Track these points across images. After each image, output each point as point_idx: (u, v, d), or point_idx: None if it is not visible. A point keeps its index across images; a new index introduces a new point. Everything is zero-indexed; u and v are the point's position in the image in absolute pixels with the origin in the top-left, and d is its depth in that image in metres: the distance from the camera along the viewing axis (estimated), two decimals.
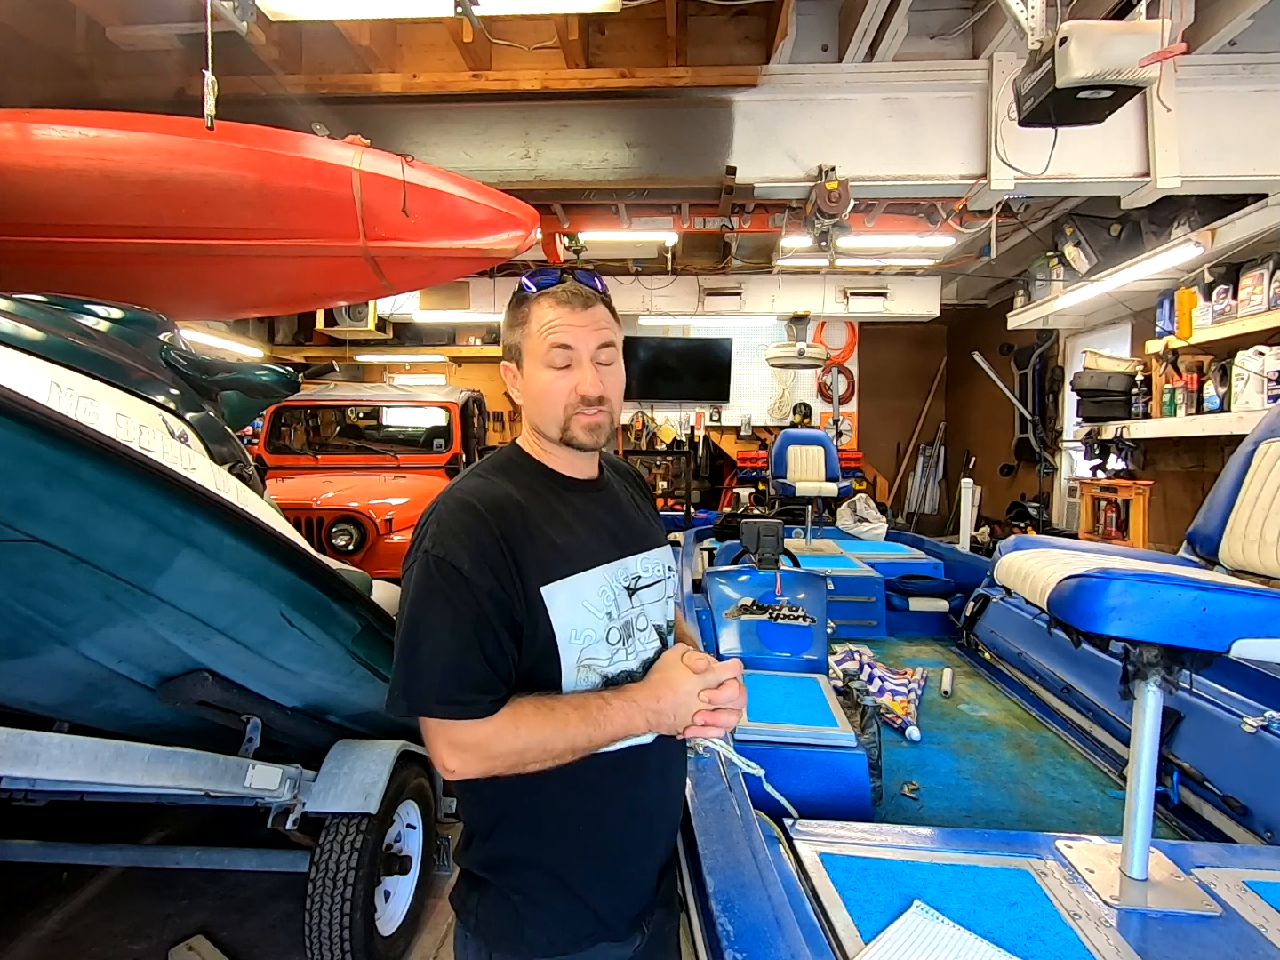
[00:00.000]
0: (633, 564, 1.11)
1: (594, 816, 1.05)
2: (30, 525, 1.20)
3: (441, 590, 0.94)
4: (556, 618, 0.99)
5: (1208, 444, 5.12)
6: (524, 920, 1.03)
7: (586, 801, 1.04)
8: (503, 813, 1.05)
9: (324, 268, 3.18)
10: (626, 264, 7.99)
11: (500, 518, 0.98)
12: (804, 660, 2.87)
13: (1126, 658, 1.28)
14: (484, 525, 0.97)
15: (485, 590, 0.94)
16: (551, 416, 1.06)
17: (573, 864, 1.04)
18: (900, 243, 6.36)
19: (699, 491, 9.33)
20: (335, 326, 7.74)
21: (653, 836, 1.13)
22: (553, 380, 1.05)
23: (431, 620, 0.94)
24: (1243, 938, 1.19)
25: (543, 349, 1.04)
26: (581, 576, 1.02)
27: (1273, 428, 1.70)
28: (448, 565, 0.94)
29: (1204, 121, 4.02)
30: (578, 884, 1.04)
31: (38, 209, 2.89)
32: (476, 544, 0.95)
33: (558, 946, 1.04)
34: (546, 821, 1.04)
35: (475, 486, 1.03)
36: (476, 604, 0.94)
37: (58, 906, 2.53)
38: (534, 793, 1.02)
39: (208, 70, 2.44)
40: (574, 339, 1.04)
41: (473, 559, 0.94)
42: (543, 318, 1.05)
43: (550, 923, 1.04)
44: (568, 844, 1.04)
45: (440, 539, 0.96)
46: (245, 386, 2.35)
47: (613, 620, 1.04)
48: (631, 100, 4.36)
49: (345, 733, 2.32)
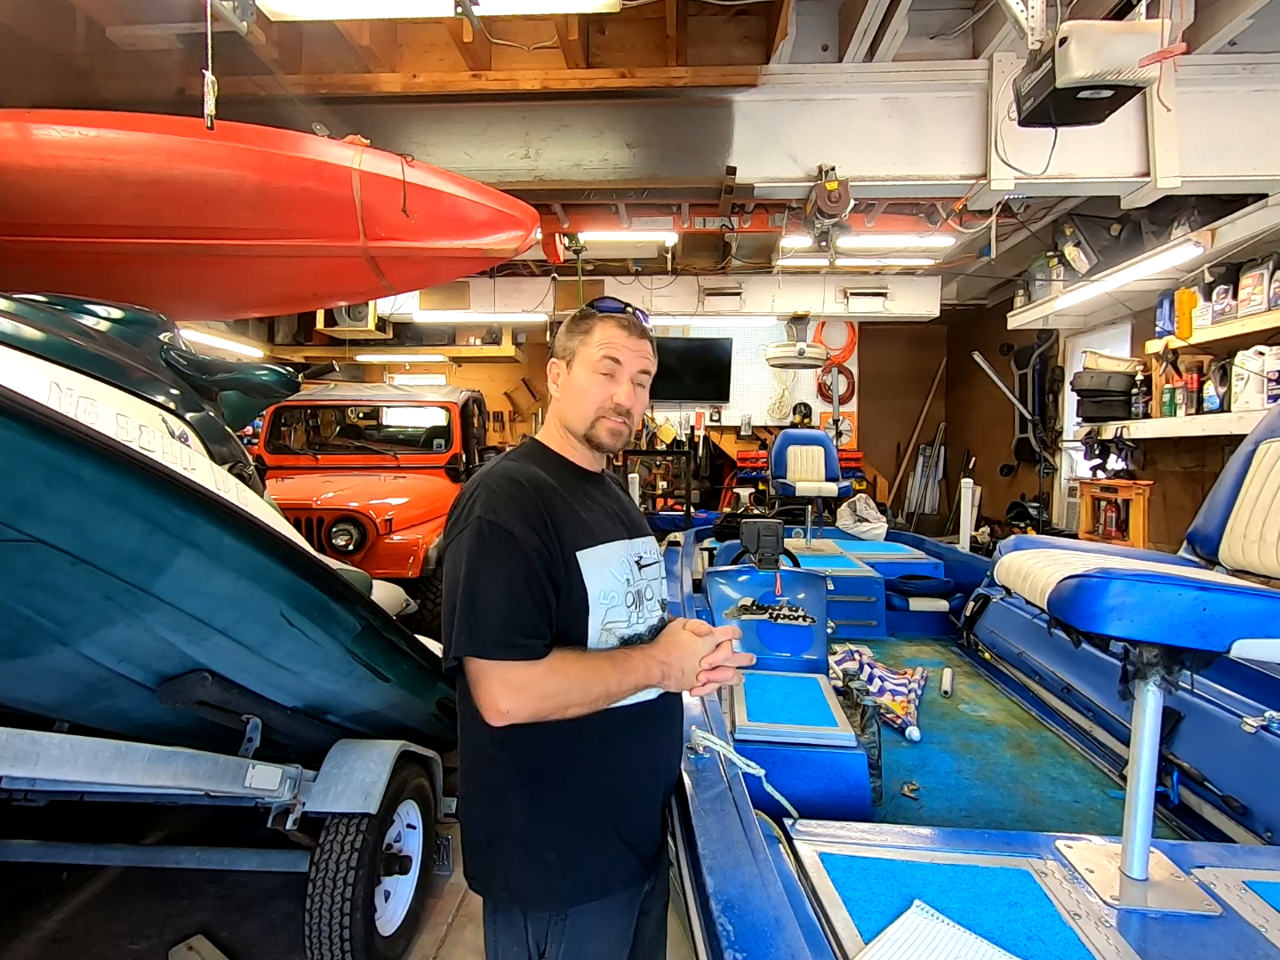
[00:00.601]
0: (637, 544, 1.30)
1: (615, 767, 1.20)
2: (30, 525, 1.20)
3: (495, 550, 1.08)
4: (589, 579, 1.15)
5: (1208, 444, 5.12)
6: (555, 875, 1.16)
7: (609, 754, 1.20)
8: (532, 772, 1.17)
9: (324, 268, 3.18)
10: (626, 264, 7.99)
11: (540, 491, 1.15)
12: (804, 660, 2.87)
13: (1126, 658, 1.27)
14: (528, 496, 1.13)
15: (534, 549, 1.10)
16: (584, 414, 1.25)
17: (599, 813, 1.19)
18: (900, 243, 6.36)
19: (699, 491, 9.33)
20: (335, 326, 7.74)
21: (660, 784, 1.31)
22: (596, 384, 1.25)
23: (488, 576, 1.08)
24: (1243, 938, 1.19)
25: (596, 357, 1.25)
26: (604, 547, 1.20)
27: (1273, 428, 1.70)
28: (500, 529, 1.09)
29: (1204, 121, 4.02)
30: (603, 832, 1.19)
31: (38, 209, 2.89)
32: (524, 511, 1.11)
33: (589, 893, 1.19)
34: (574, 775, 1.18)
35: (514, 467, 1.19)
36: (527, 561, 1.09)
37: (58, 906, 2.52)
38: (560, 749, 1.16)
39: (208, 70, 2.45)
40: (624, 357, 1.25)
41: (522, 523, 1.10)
42: (604, 334, 1.26)
43: (580, 873, 1.18)
44: (593, 795, 1.19)
45: (492, 506, 1.11)
46: (245, 386, 2.35)
47: (630, 587, 1.22)
48: (631, 100, 4.36)
49: (345, 733, 2.32)
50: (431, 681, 2.44)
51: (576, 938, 1.18)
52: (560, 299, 8.27)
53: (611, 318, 1.28)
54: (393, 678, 2.21)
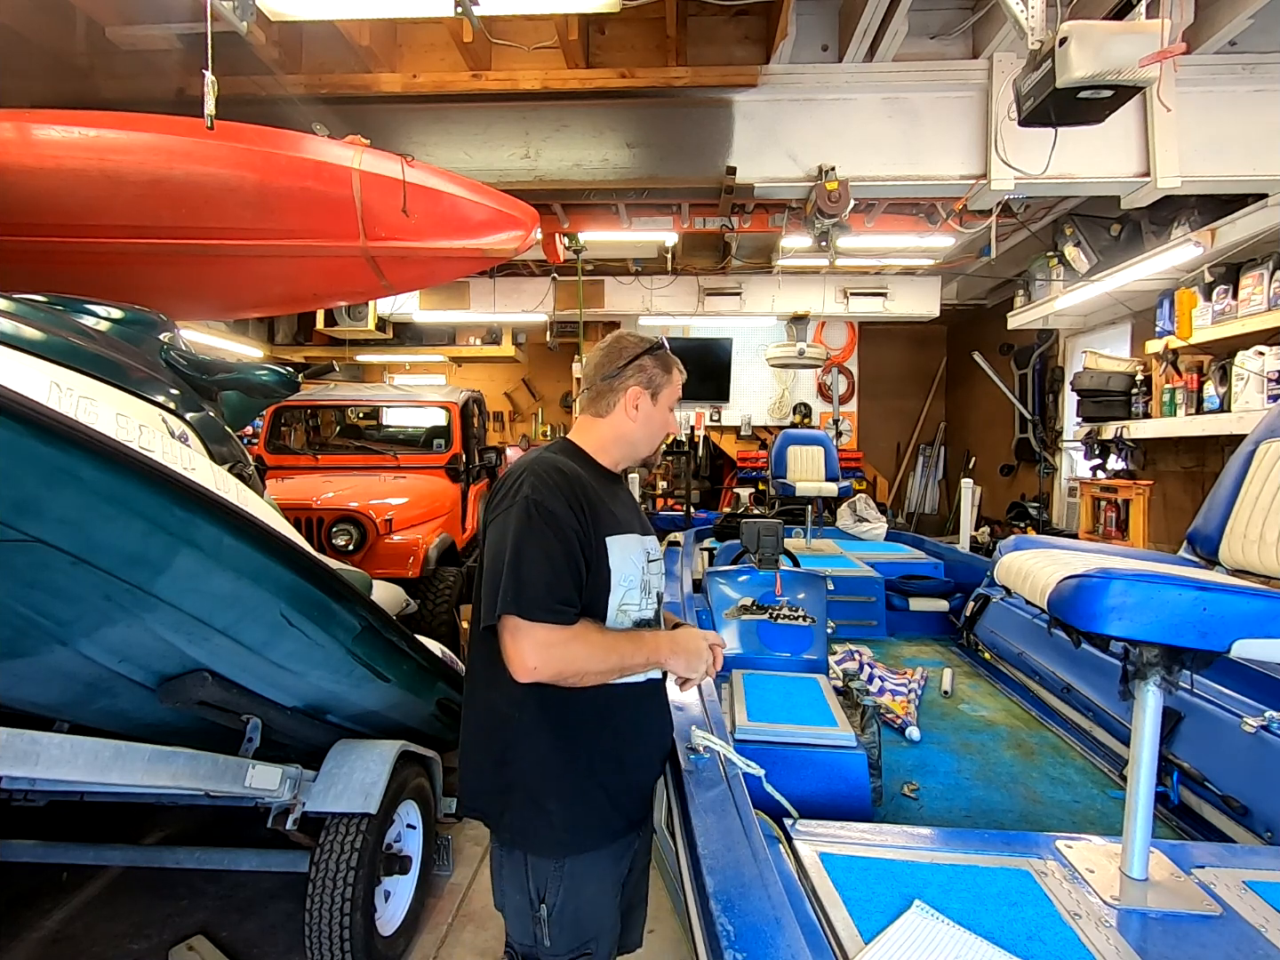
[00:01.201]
0: (648, 541, 1.47)
1: (615, 734, 1.36)
2: (30, 525, 1.20)
3: (540, 527, 1.23)
4: (614, 562, 1.32)
5: (1208, 444, 5.12)
6: (556, 825, 1.30)
7: (610, 722, 1.35)
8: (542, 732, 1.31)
9: (324, 268, 3.18)
10: (626, 264, 7.99)
11: (578, 482, 1.31)
12: (804, 660, 2.87)
13: (1126, 658, 1.27)
14: (569, 483, 1.29)
15: (572, 529, 1.25)
16: (654, 443, 1.51)
17: (598, 774, 1.34)
18: (900, 243, 6.36)
19: (699, 491, 9.32)
20: (335, 326, 7.74)
21: (653, 752, 1.48)
22: (668, 421, 1.51)
23: (533, 548, 1.22)
24: (1243, 938, 1.19)
25: (674, 398, 1.50)
26: (627, 537, 1.37)
27: (1273, 428, 1.70)
28: (545, 508, 1.24)
29: (1204, 121, 4.02)
30: (601, 791, 1.34)
31: (38, 209, 2.89)
32: (566, 496, 1.27)
33: (584, 845, 1.33)
34: (579, 738, 1.32)
35: (555, 458, 1.36)
36: (566, 539, 1.24)
37: (58, 906, 2.52)
38: (568, 714, 1.31)
39: (208, 70, 2.44)
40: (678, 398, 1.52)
41: (564, 506, 1.26)
42: (678, 379, 1.50)
43: (578, 825, 1.32)
44: (594, 757, 1.34)
45: (539, 488, 1.26)
46: (245, 386, 2.35)
47: (644, 574, 1.39)
48: (631, 100, 4.36)
49: (345, 733, 2.32)
50: (431, 681, 2.44)
51: (572, 885, 1.31)
52: (560, 299, 8.26)
53: (677, 362, 1.50)
54: (393, 678, 2.21)
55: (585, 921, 1.34)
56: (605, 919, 1.37)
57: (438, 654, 2.53)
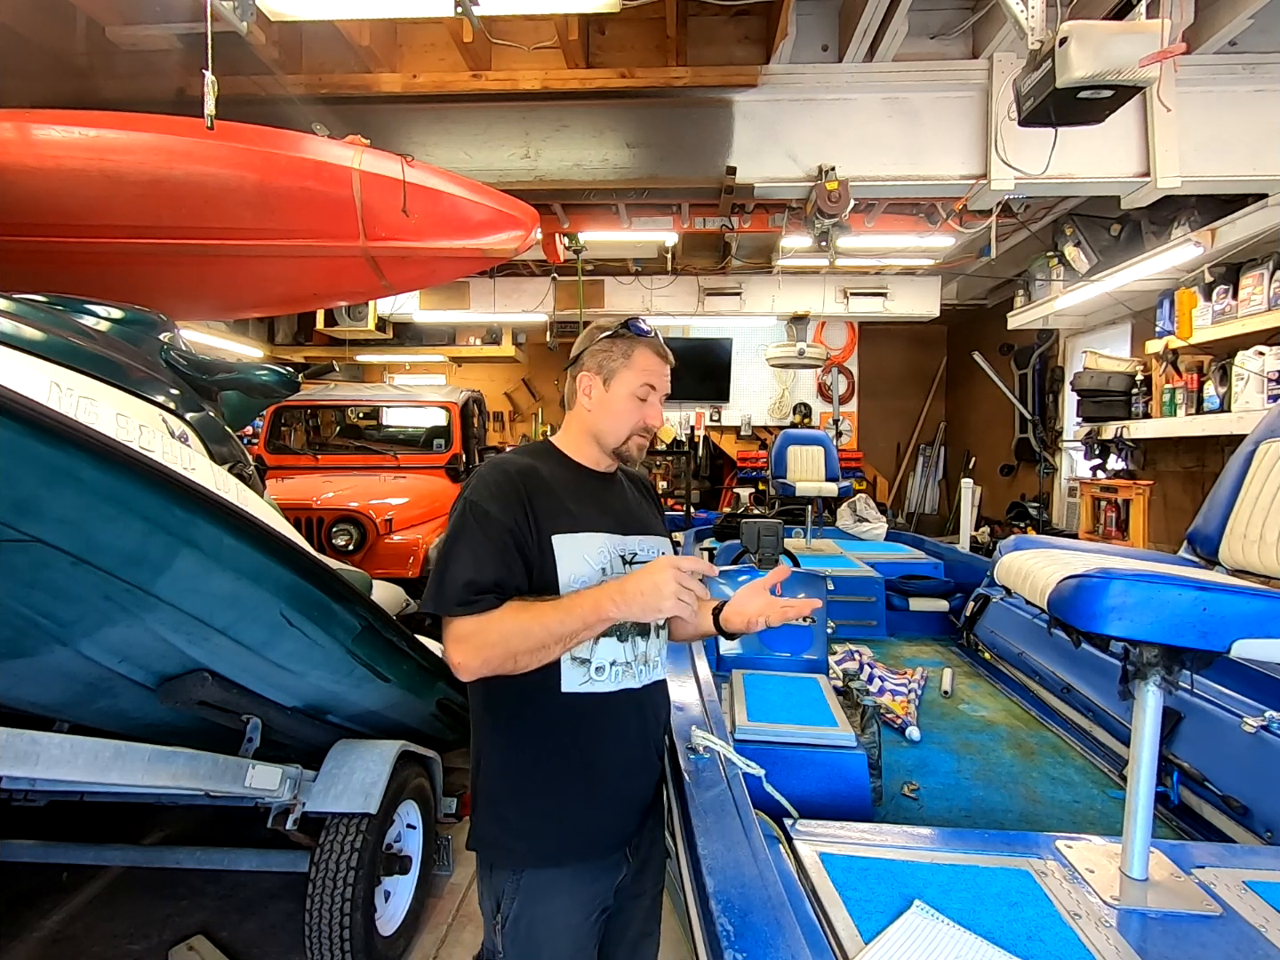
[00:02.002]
0: (631, 542, 1.35)
1: (581, 748, 1.27)
2: (30, 525, 1.20)
3: (471, 525, 1.21)
4: (561, 562, 1.24)
5: (1208, 444, 5.12)
6: (514, 834, 1.27)
7: (577, 733, 1.27)
8: (506, 738, 1.29)
9: (324, 268, 3.18)
10: (626, 264, 7.98)
11: (525, 478, 1.27)
12: (804, 660, 2.87)
13: (1126, 658, 1.27)
14: (511, 482, 1.25)
15: (506, 527, 1.21)
16: (619, 431, 1.36)
17: (560, 787, 1.27)
18: (900, 243, 6.36)
19: (699, 491, 9.33)
20: (335, 326, 7.73)
21: (633, 762, 1.36)
22: (634, 408, 1.36)
23: (461, 546, 1.20)
24: (1243, 938, 1.19)
25: (637, 383, 1.35)
26: (585, 535, 1.28)
27: (1273, 428, 1.70)
28: (480, 507, 1.22)
29: (1204, 121, 4.02)
30: (562, 805, 1.27)
31: (38, 209, 2.89)
32: (503, 493, 1.23)
33: (541, 860, 1.27)
34: (542, 747, 1.27)
35: (510, 458, 1.33)
36: (498, 536, 1.20)
37: (58, 906, 2.52)
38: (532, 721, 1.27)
39: (208, 70, 2.44)
40: (658, 384, 1.38)
41: (499, 504, 1.22)
42: (643, 361, 1.36)
43: (534, 838, 1.27)
44: (557, 769, 1.27)
45: (476, 489, 1.25)
46: (245, 386, 2.35)
47: (605, 575, 1.27)
48: (631, 100, 4.36)
49: (345, 733, 2.32)
50: (431, 681, 2.44)
51: (527, 899, 1.26)
52: (560, 299, 8.26)
53: (648, 344, 1.38)
54: (393, 678, 2.21)
55: (539, 940, 1.26)
56: (563, 942, 1.27)
57: (438, 654, 2.53)
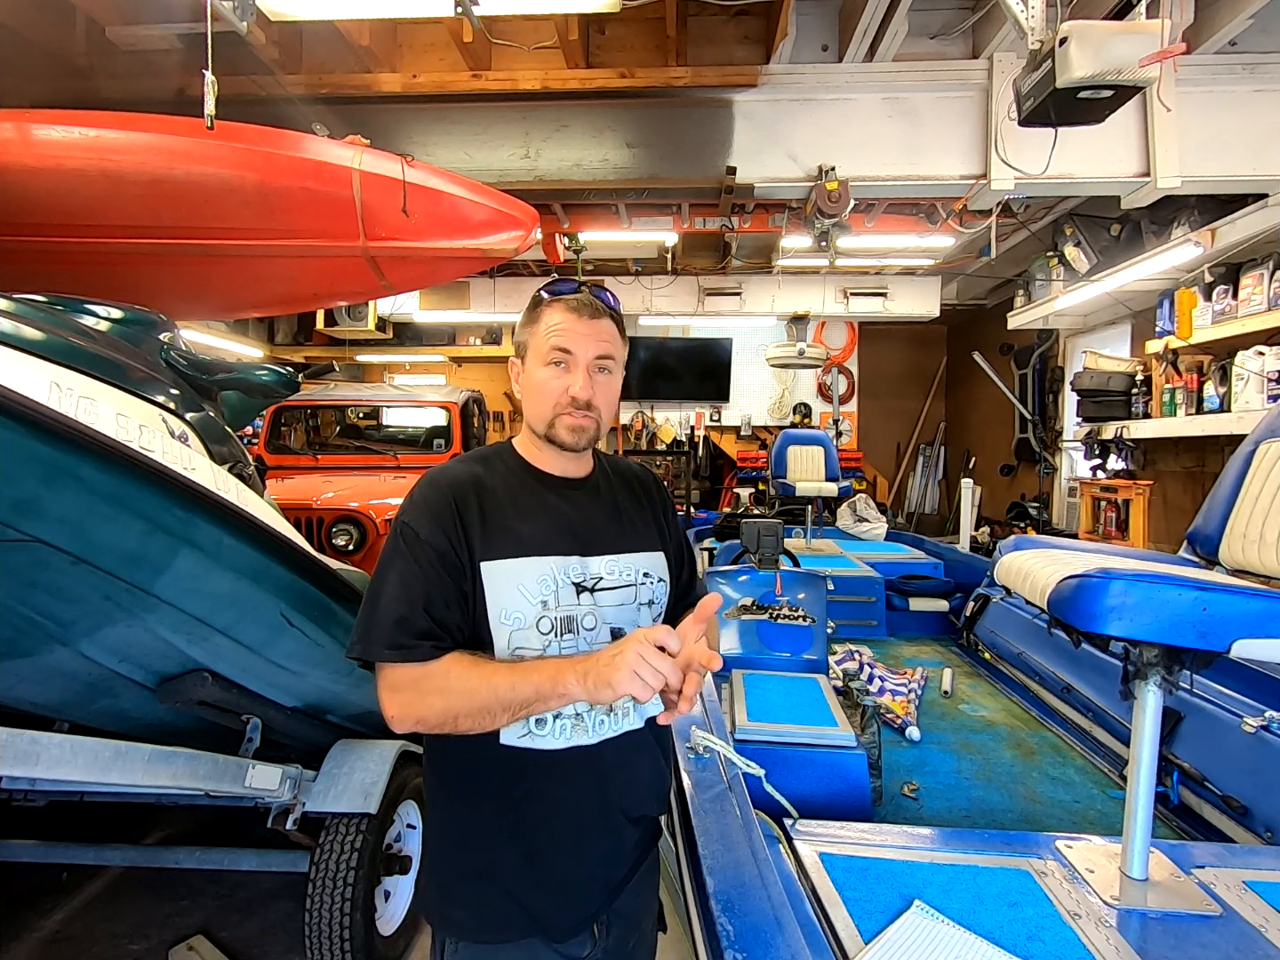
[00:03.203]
0: (594, 564, 1.11)
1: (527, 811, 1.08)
2: (30, 525, 1.20)
3: (402, 550, 1.03)
4: (490, 594, 1.04)
5: (1208, 444, 5.12)
6: (454, 903, 1.10)
7: (518, 794, 1.07)
8: (447, 794, 1.13)
9: (324, 268, 3.18)
10: (626, 264, 7.98)
11: (458, 493, 1.07)
12: (804, 660, 2.87)
13: (1126, 658, 1.27)
14: (442, 497, 1.06)
15: (438, 551, 1.03)
16: (541, 412, 1.12)
17: (499, 853, 1.08)
18: (900, 243, 6.35)
19: (699, 491, 9.33)
20: (335, 326, 7.73)
21: (584, 844, 1.10)
22: (548, 378, 1.11)
23: (391, 575, 1.02)
24: (1243, 938, 1.19)
25: (545, 348, 1.10)
26: (525, 561, 1.06)
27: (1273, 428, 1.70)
28: (410, 529, 1.04)
29: (1204, 121, 4.02)
30: (499, 874, 1.08)
31: (38, 209, 2.89)
32: (434, 513, 1.05)
33: (485, 933, 1.08)
34: (481, 809, 1.09)
35: (446, 468, 1.14)
36: (429, 563, 1.02)
37: (58, 906, 2.52)
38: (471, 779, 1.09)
39: (208, 70, 2.44)
40: (574, 344, 1.10)
41: (430, 524, 1.04)
42: (550, 320, 1.11)
43: (470, 907, 1.09)
44: (496, 834, 1.08)
45: (407, 508, 1.08)
46: (245, 386, 2.35)
47: (547, 610, 1.06)
48: (631, 100, 4.36)
49: (345, 733, 2.32)
50: None
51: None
52: None
53: (560, 300, 1.11)
54: None
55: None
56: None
57: None
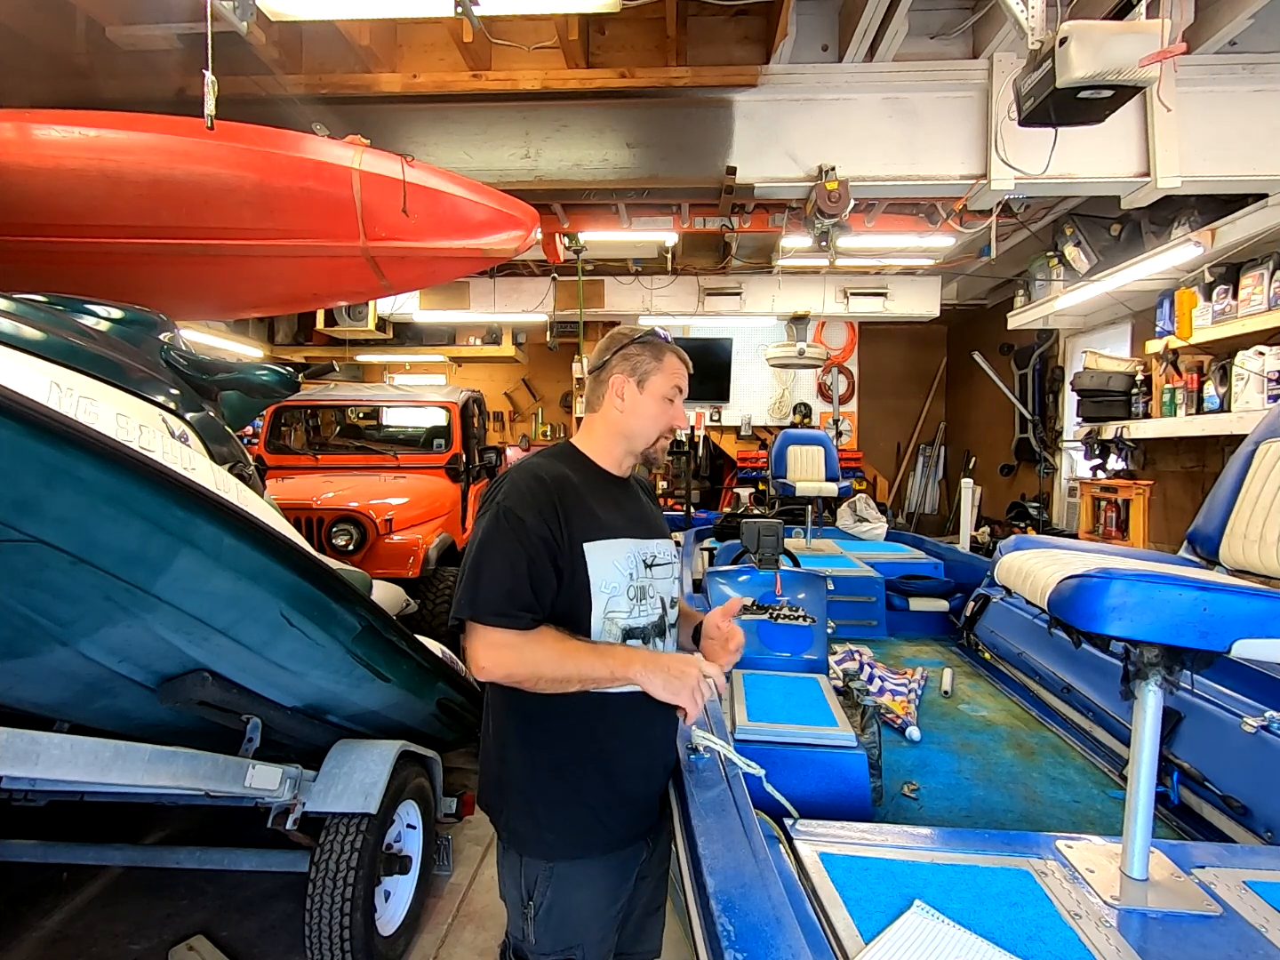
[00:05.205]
0: (650, 545, 1.42)
1: (606, 744, 1.34)
2: (30, 525, 1.20)
3: (506, 532, 1.24)
4: (593, 568, 1.29)
5: (1208, 444, 5.12)
6: (543, 827, 1.33)
7: (601, 731, 1.33)
8: (532, 735, 1.34)
9: (324, 268, 3.18)
10: (626, 264, 7.98)
11: (559, 487, 1.30)
12: (804, 660, 2.86)
13: (1127, 658, 1.27)
14: (545, 490, 1.28)
15: (540, 536, 1.24)
16: (649, 434, 1.43)
17: (586, 781, 1.33)
18: (900, 243, 6.36)
19: (699, 491, 9.33)
20: (335, 326, 7.73)
21: (653, 766, 1.44)
22: (664, 410, 1.43)
23: (495, 553, 1.24)
24: (1243, 938, 1.19)
25: (667, 386, 1.42)
26: (614, 542, 1.34)
27: (1273, 428, 1.70)
28: (514, 515, 1.25)
29: (1204, 121, 4.02)
30: (588, 798, 1.33)
31: (38, 209, 2.89)
32: (538, 503, 1.26)
33: (571, 850, 1.33)
34: (567, 744, 1.33)
35: (542, 463, 1.36)
36: (532, 545, 1.23)
37: (58, 906, 2.52)
38: (557, 720, 1.31)
39: (208, 70, 2.44)
40: (684, 387, 1.45)
41: (534, 513, 1.25)
42: (674, 364, 1.43)
43: (563, 830, 1.33)
44: (582, 764, 1.33)
45: (511, 495, 1.28)
46: (245, 386, 2.35)
47: (633, 581, 1.35)
48: (631, 100, 4.36)
49: (345, 733, 2.32)
50: (431, 681, 2.44)
51: (560, 888, 1.33)
52: (560, 299, 8.26)
53: (674, 350, 1.44)
54: (393, 678, 2.21)
55: (572, 926, 1.34)
56: (592, 927, 1.36)
57: (438, 654, 2.53)
